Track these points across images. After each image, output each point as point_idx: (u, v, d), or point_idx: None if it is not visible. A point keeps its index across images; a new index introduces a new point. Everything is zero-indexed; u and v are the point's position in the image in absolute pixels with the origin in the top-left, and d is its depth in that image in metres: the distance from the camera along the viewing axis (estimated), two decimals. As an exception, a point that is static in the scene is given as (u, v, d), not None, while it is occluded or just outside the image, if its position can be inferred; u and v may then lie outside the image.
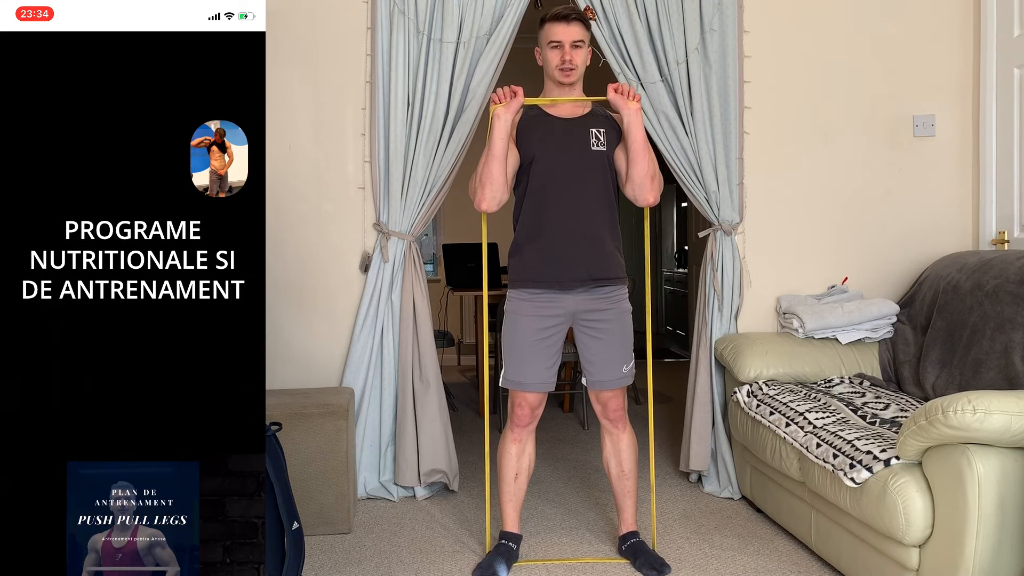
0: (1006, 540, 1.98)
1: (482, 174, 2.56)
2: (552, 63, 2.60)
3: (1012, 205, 3.43)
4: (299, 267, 3.48)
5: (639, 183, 2.58)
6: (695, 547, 2.86)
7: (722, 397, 3.44)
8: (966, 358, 2.87)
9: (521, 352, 2.62)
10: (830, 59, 3.58)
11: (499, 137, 2.54)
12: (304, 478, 2.98)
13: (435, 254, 7.65)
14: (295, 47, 3.45)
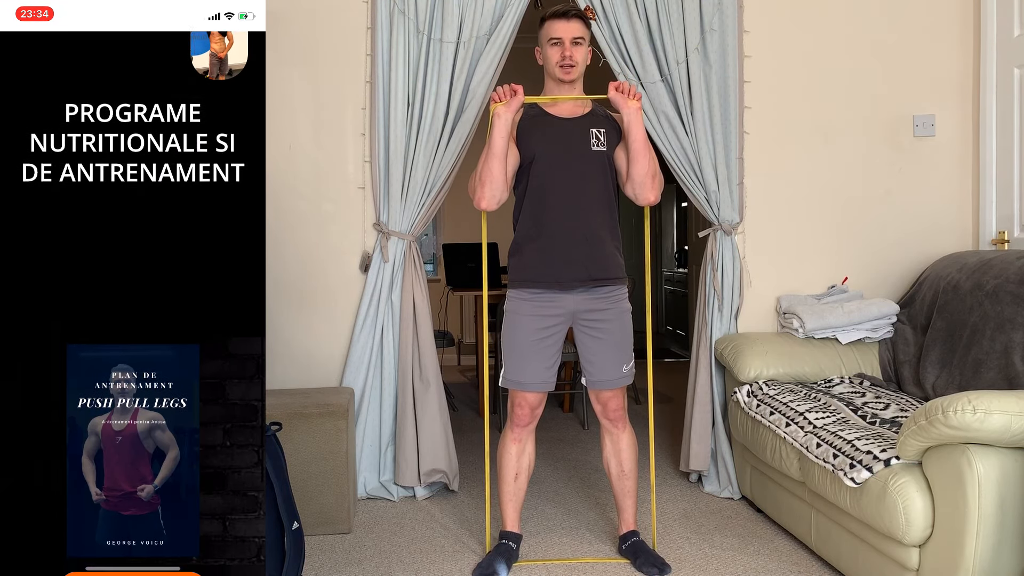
0: (1006, 540, 1.98)
1: (482, 172, 2.56)
2: (552, 60, 2.60)
3: (1012, 205, 3.43)
4: (299, 267, 3.48)
5: (640, 182, 2.58)
6: (695, 547, 2.86)
7: (722, 397, 3.44)
8: (966, 358, 2.87)
9: (521, 352, 2.62)
10: (830, 59, 3.58)
11: (499, 136, 2.54)
12: (304, 478, 2.98)
13: (435, 254, 7.65)
14: (295, 47, 3.45)
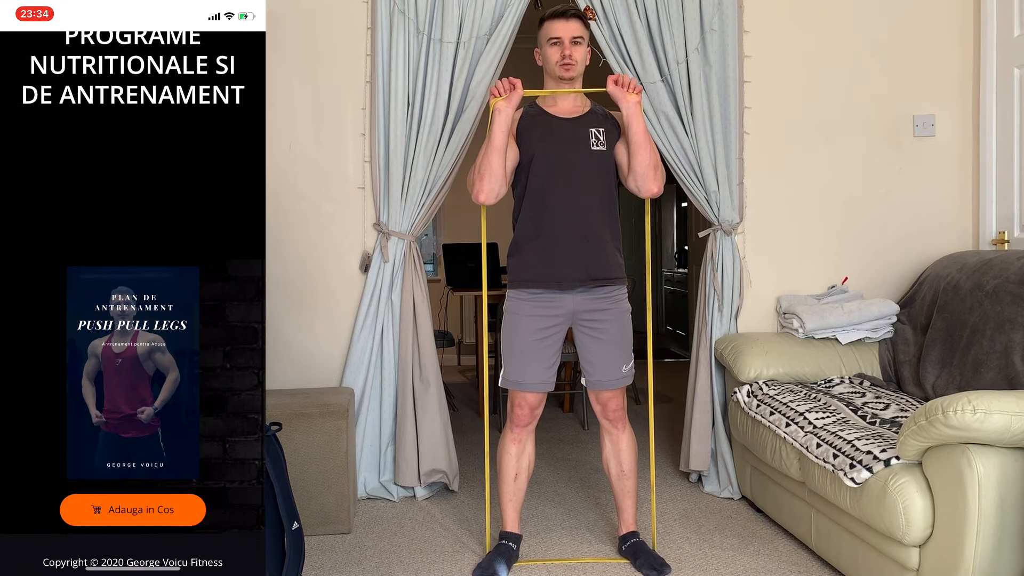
0: (1006, 540, 1.98)
1: (481, 166, 2.56)
2: (552, 59, 2.60)
3: (1012, 205, 3.43)
4: (299, 267, 3.48)
5: (642, 174, 2.58)
6: (695, 547, 2.86)
7: (722, 397, 3.44)
8: (966, 358, 2.87)
9: (520, 352, 2.62)
10: (830, 59, 3.58)
11: (499, 130, 2.53)
12: (304, 478, 2.98)
13: (435, 254, 7.65)
14: (295, 47, 3.45)
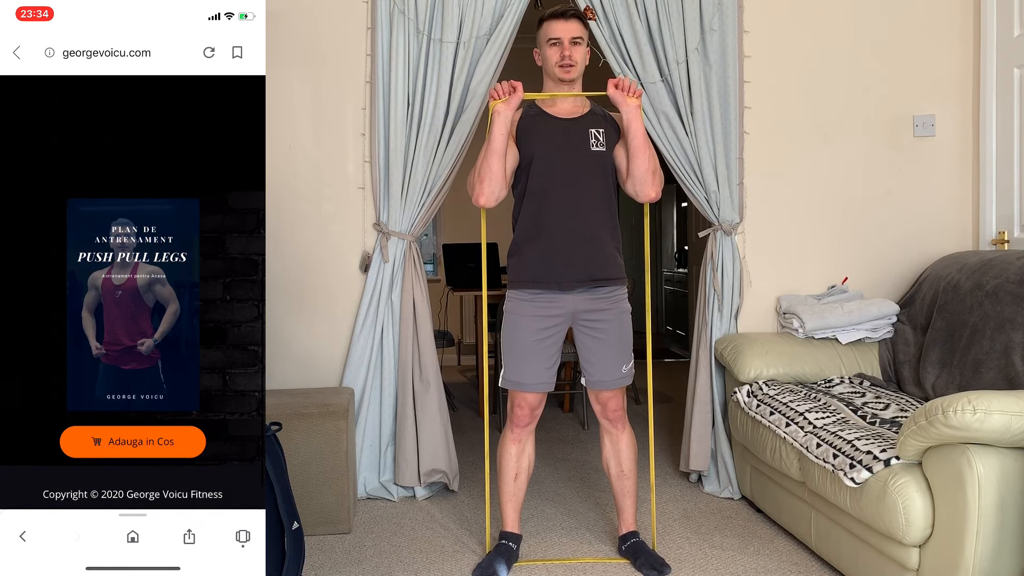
0: (1006, 540, 1.98)
1: (481, 169, 2.56)
2: (551, 60, 2.60)
3: (1012, 205, 3.43)
4: (299, 267, 3.48)
5: (640, 178, 2.58)
6: (695, 547, 2.86)
7: (722, 397, 3.44)
8: (966, 358, 2.87)
9: (520, 352, 2.62)
10: (830, 59, 3.58)
11: (499, 133, 2.54)
12: (304, 478, 2.98)
13: (435, 254, 7.65)
14: (295, 47, 3.45)
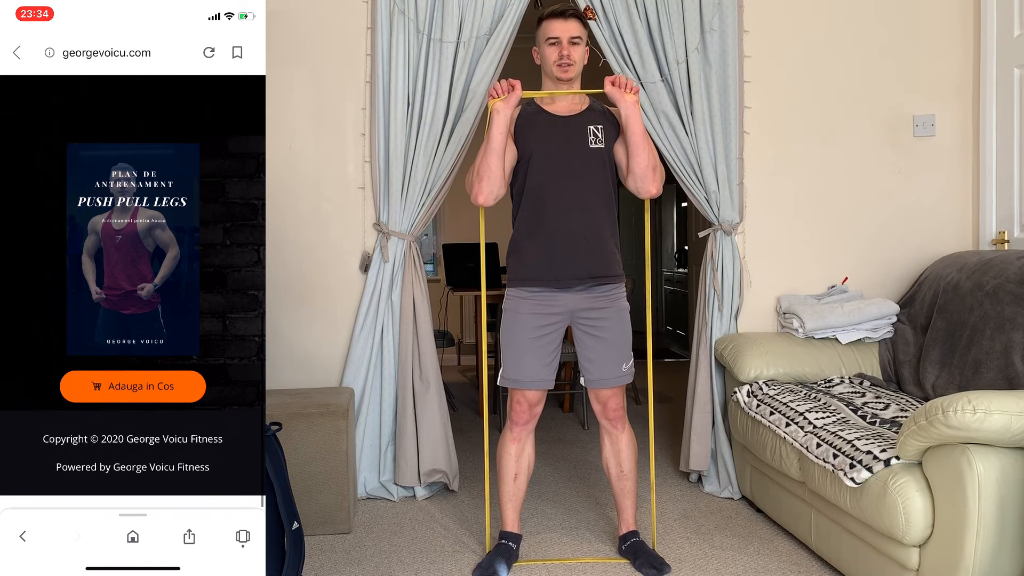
0: (1006, 540, 1.98)
1: (480, 168, 2.56)
2: (550, 59, 2.60)
3: (1012, 205, 3.43)
4: (299, 267, 3.48)
5: (640, 175, 2.58)
6: (695, 547, 2.86)
7: (722, 397, 3.44)
8: (966, 358, 2.87)
9: (519, 349, 2.62)
10: (830, 59, 3.58)
11: (498, 132, 2.54)
12: (304, 478, 2.98)
13: (435, 254, 7.65)
14: (295, 47, 3.45)
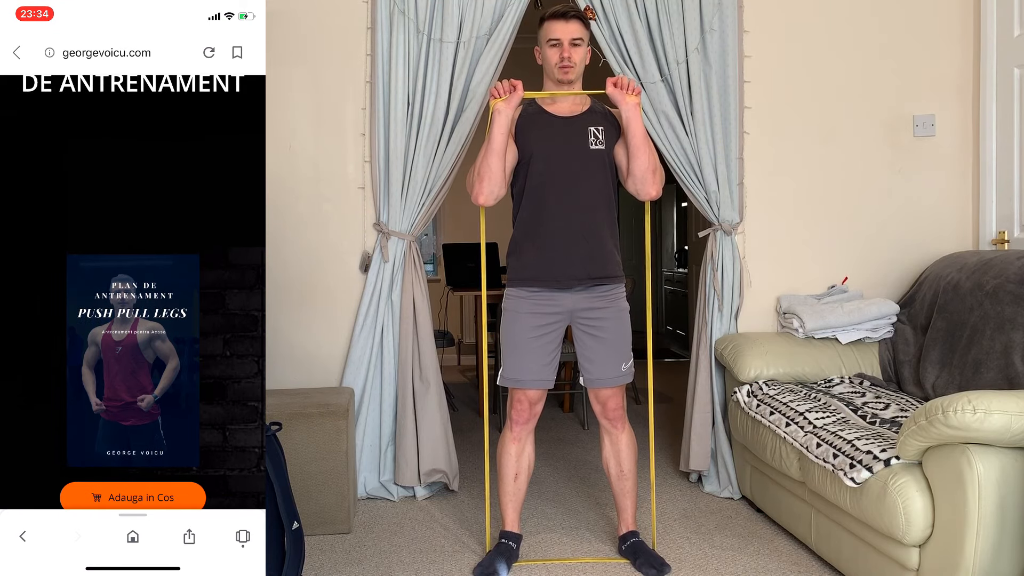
0: (1006, 540, 1.98)
1: (480, 168, 2.56)
2: (551, 61, 2.60)
3: (1012, 205, 3.43)
4: (299, 267, 3.48)
5: (640, 177, 2.58)
6: (695, 547, 2.86)
7: (722, 397, 3.44)
8: (966, 358, 2.87)
9: (518, 349, 2.62)
10: (830, 59, 3.58)
11: (499, 132, 2.54)
12: (304, 478, 2.98)
13: (435, 254, 7.65)
14: (295, 47, 3.45)
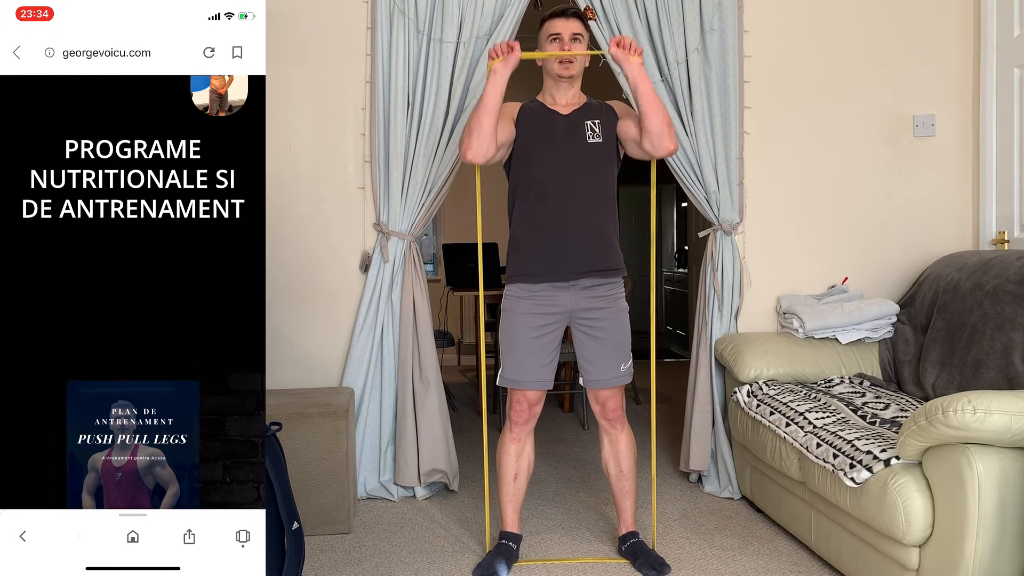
0: (1006, 540, 1.98)
1: (472, 124, 2.52)
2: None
3: (1012, 205, 3.43)
4: (299, 267, 3.48)
5: (656, 132, 2.52)
6: (695, 547, 2.86)
7: (722, 397, 3.44)
8: (966, 358, 2.87)
9: (518, 349, 2.62)
10: (830, 59, 3.58)
11: (494, 91, 2.51)
12: (304, 478, 2.98)
13: (435, 254, 7.65)
14: (295, 47, 3.45)
